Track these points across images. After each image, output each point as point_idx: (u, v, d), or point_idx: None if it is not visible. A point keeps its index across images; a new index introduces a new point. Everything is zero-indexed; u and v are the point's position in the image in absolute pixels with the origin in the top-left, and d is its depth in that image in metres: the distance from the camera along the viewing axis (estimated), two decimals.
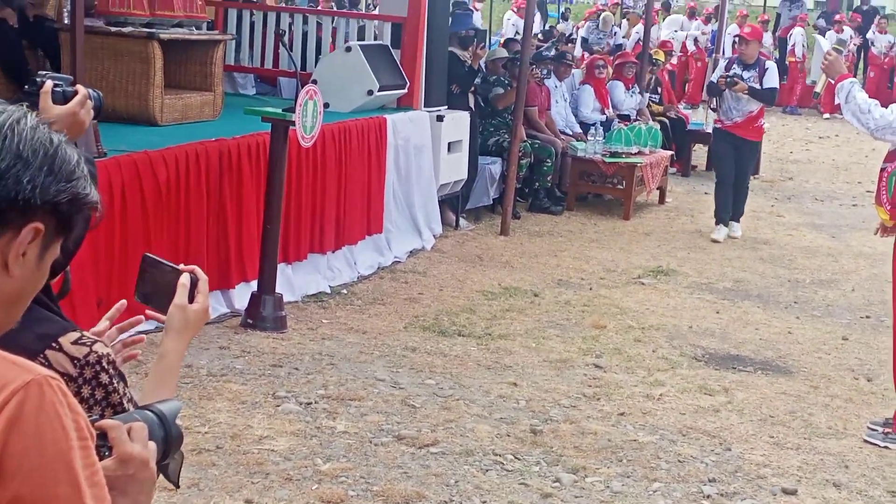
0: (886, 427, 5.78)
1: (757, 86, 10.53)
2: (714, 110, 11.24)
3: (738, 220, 11.00)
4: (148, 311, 2.17)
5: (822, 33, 22.47)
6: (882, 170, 5.73)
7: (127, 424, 1.62)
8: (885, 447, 5.67)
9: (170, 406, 1.74)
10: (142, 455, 1.61)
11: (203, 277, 2.17)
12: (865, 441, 5.74)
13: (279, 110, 6.70)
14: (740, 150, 10.79)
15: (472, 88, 11.08)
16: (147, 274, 2.14)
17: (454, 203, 10.25)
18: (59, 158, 1.50)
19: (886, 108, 5.57)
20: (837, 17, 24.25)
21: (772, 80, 10.59)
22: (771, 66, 10.85)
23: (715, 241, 10.65)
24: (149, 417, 1.69)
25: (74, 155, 1.54)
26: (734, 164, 10.96)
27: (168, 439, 1.71)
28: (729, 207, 10.91)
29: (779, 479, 5.16)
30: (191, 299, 2.13)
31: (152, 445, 1.64)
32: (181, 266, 2.15)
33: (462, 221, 10.36)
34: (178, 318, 2.13)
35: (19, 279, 1.50)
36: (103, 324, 2.22)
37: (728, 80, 10.60)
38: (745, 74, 10.52)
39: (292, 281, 7.44)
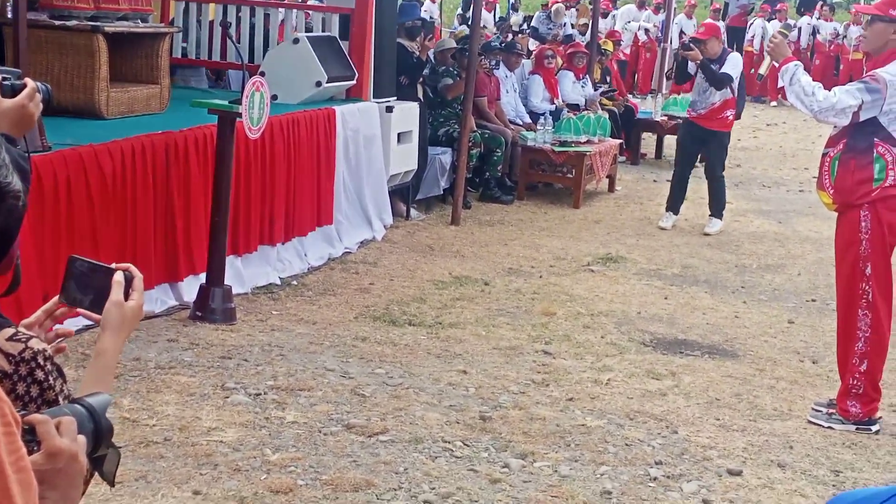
0: (830, 408, 5.87)
1: None
2: (668, 77, 11.42)
3: (718, 216, 10.87)
4: (80, 310, 2.15)
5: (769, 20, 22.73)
6: (824, 155, 5.81)
7: (55, 419, 1.60)
8: (829, 427, 5.76)
9: (99, 399, 1.73)
10: (70, 448, 1.59)
11: (138, 275, 2.15)
12: (810, 422, 5.82)
13: (225, 102, 6.68)
14: (707, 142, 10.84)
15: (421, 79, 11.10)
16: (76, 276, 2.12)
17: (405, 194, 10.27)
18: None
19: (830, 90, 5.65)
20: (779, 6, 24.47)
21: (729, 67, 10.62)
22: (732, 56, 10.90)
23: (662, 228, 10.74)
24: (78, 411, 1.68)
25: (11, 150, 1.53)
26: (695, 155, 11.10)
27: (98, 432, 1.70)
28: (681, 197, 10.98)
29: (724, 460, 5.23)
30: (126, 297, 2.12)
31: (82, 439, 1.62)
32: (114, 265, 2.14)
33: (413, 212, 10.38)
34: (115, 315, 2.10)
35: None
36: (37, 315, 2.21)
37: (685, 45, 10.74)
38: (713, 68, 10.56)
39: (242, 273, 7.43)
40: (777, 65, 5.90)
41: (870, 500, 1.79)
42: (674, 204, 10.97)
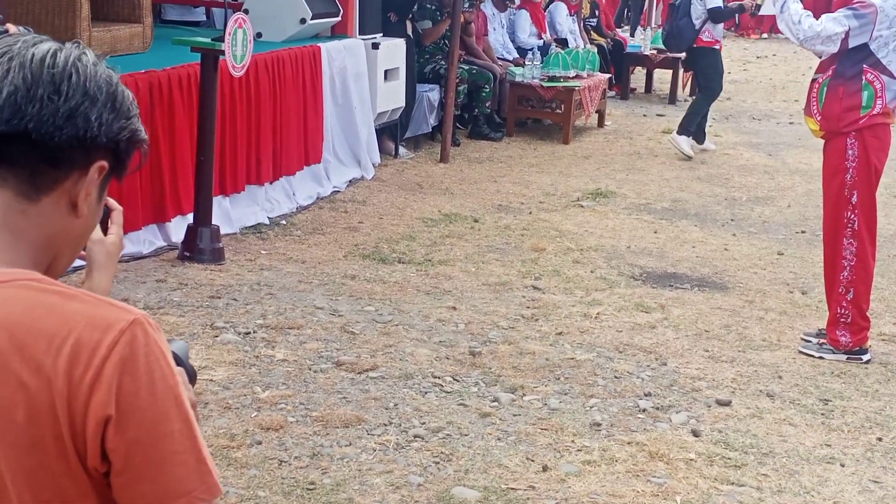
0: (821, 338, 5.89)
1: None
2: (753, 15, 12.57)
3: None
4: None
5: None
6: (813, 80, 5.77)
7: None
8: (820, 357, 5.78)
9: (179, 345, 1.70)
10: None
11: (117, 208, 2.13)
12: (800, 352, 5.84)
13: (208, 40, 6.61)
14: None
15: (410, 16, 10.99)
16: None
17: (393, 131, 10.21)
18: (118, 95, 1.48)
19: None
20: None
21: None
22: None
23: (689, 156, 10.95)
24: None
25: (129, 92, 1.51)
26: None
27: (190, 376, 1.68)
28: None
29: (713, 391, 5.25)
30: (104, 231, 2.10)
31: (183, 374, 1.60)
32: None
33: (401, 150, 10.33)
34: (98, 252, 2.07)
35: (86, 219, 1.49)
36: None
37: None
38: None
39: (230, 213, 7.40)
40: None
41: None
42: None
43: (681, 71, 14.79)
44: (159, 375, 1.39)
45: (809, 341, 5.92)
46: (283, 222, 7.80)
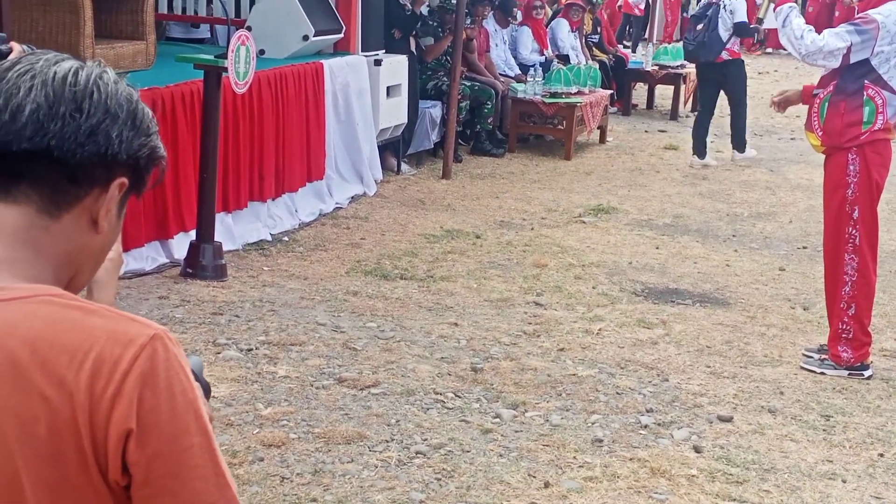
0: (822, 353, 5.89)
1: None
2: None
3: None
4: None
5: None
6: (814, 95, 5.78)
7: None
8: (822, 373, 5.77)
9: (193, 361, 1.72)
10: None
11: None
12: (802, 368, 5.84)
13: (211, 57, 6.64)
14: None
15: (414, 33, 11.02)
16: None
17: (395, 148, 10.24)
18: (139, 112, 1.50)
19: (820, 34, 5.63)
20: None
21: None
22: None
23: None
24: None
25: (148, 110, 1.54)
26: None
27: (205, 391, 1.71)
28: None
29: (715, 407, 5.26)
30: None
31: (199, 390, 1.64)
32: None
33: (404, 166, 10.35)
34: (99, 269, 2.11)
35: (105, 235, 1.51)
36: None
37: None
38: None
39: (233, 230, 7.42)
40: (774, 6, 5.89)
41: None
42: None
43: (682, 87, 14.82)
44: (179, 390, 1.41)
45: (811, 357, 5.92)
46: (286, 239, 7.81)
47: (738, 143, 11.85)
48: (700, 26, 11.37)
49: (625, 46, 17.10)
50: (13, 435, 1.38)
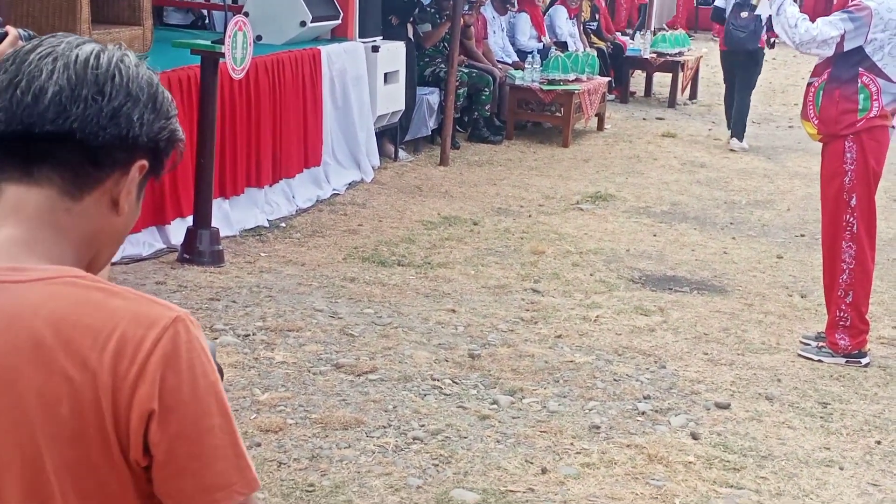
0: (819, 341, 5.89)
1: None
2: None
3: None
4: None
5: None
6: (809, 84, 5.77)
7: None
8: (819, 361, 5.78)
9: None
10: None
11: None
12: (800, 355, 5.84)
13: (208, 42, 6.62)
14: None
15: (411, 19, 10.99)
16: None
17: (393, 134, 10.22)
18: (159, 95, 1.51)
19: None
20: None
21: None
22: None
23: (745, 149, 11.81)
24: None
25: (168, 93, 1.55)
26: None
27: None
28: None
29: (712, 394, 5.25)
30: None
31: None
32: None
33: (401, 153, 10.33)
34: None
35: (126, 216, 1.52)
36: None
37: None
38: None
39: (230, 216, 7.40)
40: None
41: None
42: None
43: (680, 75, 14.79)
44: (200, 371, 1.43)
45: (808, 344, 5.92)
46: (283, 225, 7.80)
47: (739, 130, 11.91)
48: (745, 14, 11.43)
49: (630, 32, 17.11)
50: (36, 415, 1.40)
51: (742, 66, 11.90)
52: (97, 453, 1.40)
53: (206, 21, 10.03)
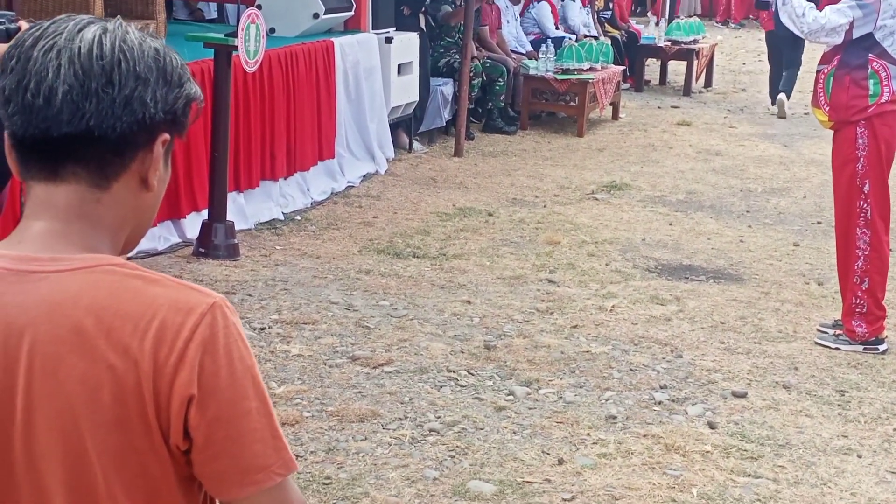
0: (837, 329, 5.86)
1: None
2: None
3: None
4: None
5: None
6: (818, 71, 5.74)
7: None
8: (836, 348, 5.75)
9: None
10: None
11: None
12: (817, 343, 5.82)
13: (221, 35, 6.62)
14: None
15: (423, 9, 10.98)
16: None
17: (407, 126, 10.21)
18: (167, 66, 1.49)
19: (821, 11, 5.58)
20: None
21: None
22: None
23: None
24: None
25: (177, 57, 1.53)
26: None
27: None
28: None
29: (729, 383, 5.24)
30: None
31: None
32: None
33: (415, 144, 10.33)
34: None
35: (156, 190, 1.53)
36: None
37: None
38: None
39: (245, 209, 7.41)
40: None
41: None
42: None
43: (695, 62, 14.74)
44: (237, 356, 1.44)
45: (825, 332, 5.90)
46: (298, 218, 7.81)
47: (788, 89, 13.39)
48: None
49: (645, 18, 17.06)
50: (79, 402, 1.42)
51: (789, 45, 12.77)
52: (139, 439, 1.42)
53: (205, 15, 10.03)
